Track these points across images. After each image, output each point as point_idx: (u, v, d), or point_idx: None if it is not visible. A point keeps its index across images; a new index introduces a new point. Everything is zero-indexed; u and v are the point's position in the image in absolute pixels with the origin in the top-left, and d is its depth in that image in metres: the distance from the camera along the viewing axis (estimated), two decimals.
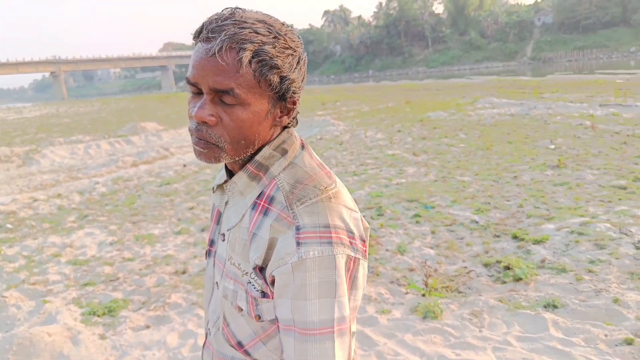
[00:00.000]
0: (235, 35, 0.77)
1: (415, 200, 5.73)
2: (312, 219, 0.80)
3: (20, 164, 11.45)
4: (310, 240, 0.78)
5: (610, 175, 6.15)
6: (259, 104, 0.82)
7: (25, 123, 25.43)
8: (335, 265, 0.78)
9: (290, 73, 0.82)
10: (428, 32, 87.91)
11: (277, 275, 0.79)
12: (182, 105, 30.07)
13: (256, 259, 0.83)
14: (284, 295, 0.79)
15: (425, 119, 13.12)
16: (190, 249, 4.76)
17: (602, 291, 3.29)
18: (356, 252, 0.82)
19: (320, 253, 0.77)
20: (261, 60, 0.79)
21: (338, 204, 0.83)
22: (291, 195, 0.83)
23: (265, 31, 0.79)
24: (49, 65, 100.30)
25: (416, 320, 3.14)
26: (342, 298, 0.79)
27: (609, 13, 71.54)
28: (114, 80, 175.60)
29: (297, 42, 0.84)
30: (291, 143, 0.90)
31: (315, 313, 0.77)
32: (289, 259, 0.78)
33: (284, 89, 0.83)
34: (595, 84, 21.45)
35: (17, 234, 5.69)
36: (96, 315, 3.49)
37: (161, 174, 8.64)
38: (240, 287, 0.87)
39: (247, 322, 0.88)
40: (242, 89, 0.79)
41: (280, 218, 0.82)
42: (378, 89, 33.88)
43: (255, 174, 0.88)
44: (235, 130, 0.82)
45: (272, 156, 0.87)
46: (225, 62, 0.78)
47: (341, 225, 0.81)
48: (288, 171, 0.87)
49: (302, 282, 0.77)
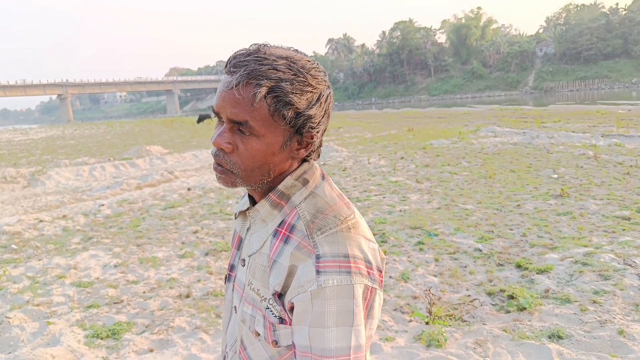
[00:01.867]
0: (253, 71, 0.82)
1: (418, 227, 5.75)
2: (332, 248, 0.82)
3: (25, 185, 11.53)
4: (330, 269, 0.80)
5: (614, 205, 6.17)
6: (273, 136, 0.85)
7: (31, 144, 25.67)
8: (353, 295, 0.80)
9: (307, 110, 0.86)
10: (430, 60, 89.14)
11: (296, 302, 0.82)
12: (186, 129, 30.35)
13: (276, 285, 0.86)
14: (302, 322, 0.81)
15: (428, 147, 13.22)
16: (194, 273, 4.77)
17: (607, 322, 3.28)
18: (373, 282, 0.85)
19: (339, 282, 0.80)
20: (276, 96, 0.82)
21: (357, 234, 0.86)
22: (312, 225, 0.86)
23: (286, 68, 0.83)
24: (56, 88, 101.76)
25: (420, 349, 3.13)
26: (359, 327, 0.81)
27: (610, 44, 72.62)
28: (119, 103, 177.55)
29: (319, 80, 0.87)
30: (312, 174, 0.93)
31: (333, 340, 0.79)
32: (309, 286, 0.80)
33: (300, 124, 0.86)
34: (597, 114, 21.64)
35: (22, 254, 5.71)
36: (100, 338, 3.49)
37: (166, 197, 8.69)
38: (259, 313, 0.90)
39: (263, 347, 0.90)
40: (257, 122, 0.83)
41: (301, 246, 0.84)
42: (381, 116, 34.19)
43: (278, 202, 0.91)
44: (249, 159, 0.86)
45: (294, 186, 0.91)
46: (241, 95, 0.82)
47: (360, 256, 0.84)
48: (309, 201, 0.90)
49: (320, 310, 0.79)
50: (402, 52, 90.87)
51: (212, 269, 4.82)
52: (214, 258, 5.17)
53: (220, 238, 5.88)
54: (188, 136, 24.12)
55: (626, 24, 72.94)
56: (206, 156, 15.24)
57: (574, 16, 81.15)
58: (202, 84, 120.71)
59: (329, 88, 0.91)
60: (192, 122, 38.91)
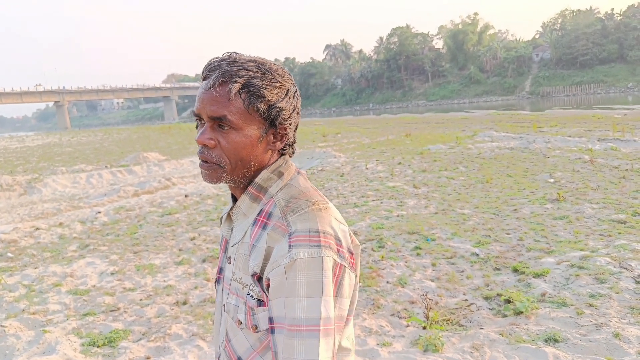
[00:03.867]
0: (227, 72, 0.92)
1: (415, 232, 5.76)
2: (303, 225, 0.88)
3: (22, 193, 11.51)
4: (301, 243, 0.86)
5: (610, 209, 6.19)
6: (250, 128, 0.94)
7: (27, 152, 25.64)
8: (322, 267, 0.85)
9: (277, 102, 0.95)
10: (428, 66, 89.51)
11: (272, 277, 0.87)
12: (184, 136, 30.37)
13: (254, 266, 0.91)
14: (278, 295, 0.86)
15: (425, 152, 13.25)
16: (191, 280, 4.76)
17: (602, 325, 3.29)
18: (342, 260, 0.89)
19: (309, 254, 0.85)
20: (249, 91, 0.92)
21: (328, 214, 0.92)
22: (286, 208, 0.93)
23: (255, 68, 0.93)
24: (53, 95, 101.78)
25: (417, 353, 3.13)
26: (328, 298, 0.85)
27: (606, 50, 73.07)
28: (117, 110, 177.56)
29: (285, 77, 0.97)
30: (287, 167, 1.01)
31: (303, 310, 0.83)
32: (282, 260, 0.86)
33: (273, 115, 0.95)
34: (593, 119, 21.73)
35: (18, 262, 5.70)
36: (96, 346, 3.47)
37: (163, 204, 8.68)
38: (241, 300, 0.95)
39: (245, 336, 0.95)
40: (234, 116, 0.92)
41: (276, 227, 0.91)
42: (378, 121, 34.27)
43: (256, 195, 0.98)
44: (232, 151, 0.94)
45: (270, 178, 0.99)
46: (218, 93, 0.92)
47: (330, 232, 0.89)
48: (284, 190, 0.97)
49: (292, 281, 0.84)
50: (399, 58, 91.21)
51: (209, 276, 4.82)
52: (211, 265, 5.16)
53: (217, 245, 5.88)
54: (185, 143, 24.13)
55: (621, 29, 73.41)
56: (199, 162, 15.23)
57: (569, 21, 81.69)
58: None
59: (295, 86, 1.01)
60: (189, 128, 38.93)
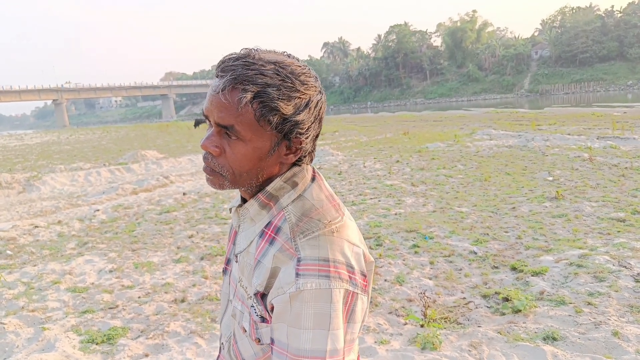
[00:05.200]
0: (240, 76, 0.82)
1: (413, 230, 5.76)
2: (312, 252, 0.83)
3: (20, 191, 11.48)
4: (309, 273, 0.81)
5: (609, 207, 6.20)
6: (260, 141, 0.85)
7: (26, 150, 25.59)
8: (331, 299, 0.81)
9: (294, 116, 0.85)
10: (426, 64, 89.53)
11: (276, 303, 0.83)
12: (182, 134, 30.34)
13: (258, 285, 0.87)
14: (281, 320, 0.83)
15: (424, 150, 13.25)
16: (190, 277, 4.76)
17: (601, 324, 3.29)
18: (355, 287, 0.85)
19: (317, 286, 0.80)
20: (262, 102, 0.82)
21: (340, 238, 0.86)
22: (296, 228, 0.86)
23: (273, 73, 0.82)
24: (51, 93, 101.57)
25: (415, 351, 3.13)
26: (336, 331, 0.81)
27: (606, 47, 73.16)
28: (115, 108, 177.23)
29: (309, 85, 0.87)
30: (302, 177, 0.93)
31: (309, 342, 0.80)
32: (288, 288, 0.81)
33: (287, 129, 0.86)
34: (592, 117, 21.76)
35: (17, 260, 5.69)
36: (95, 343, 3.47)
37: (161, 202, 8.67)
38: (246, 309, 0.92)
39: (249, 343, 0.93)
40: (242, 126, 0.83)
41: (283, 249, 0.85)
42: (376, 119, 34.27)
43: (266, 203, 0.92)
44: (236, 163, 0.87)
45: (283, 188, 0.91)
46: (227, 100, 0.83)
47: (341, 260, 0.84)
48: (296, 203, 0.90)
49: (298, 312, 0.80)
50: (397, 56, 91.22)
51: (207, 274, 4.81)
52: (209, 262, 5.16)
53: (215, 242, 5.87)
54: (184, 141, 24.10)
55: (621, 27, 73.51)
56: (202, 161, 15.20)
57: (569, 19, 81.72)
58: (198, 88, 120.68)
59: (321, 93, 0.90)
60: (187, 126, 38.87)
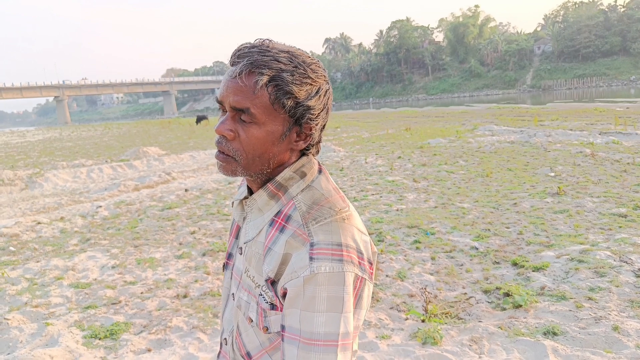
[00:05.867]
0: (256, 61, 0.85)
1: (415, 226, 5.77)
2: (326, 237, 0.85)
3: (23, 187, 11.52)
4: (323, 257, 0.83)
5: (611, 203, 6.20)
6: (273, 124, 0.88)
7: (28, 147, 25.64)
8: (344, 282, 0.83)
9: (306, 100, 0.89)
10: (428, 59, 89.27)
11: (289, 287, 0.84)
12: (183, 130, 30.35)
13: (269, 271, 0.88)
14: (293, 305, 0.84)
15: (425, 146, 13.24)
16: (192, 273, 4.78)
17: (602, 319, 3.30)
18: (364, 272, 0.87)
19: (331, 269, 0.82)
20: (277, 85, 0.86)
21: (351, 225, 0.89)
22: (307, 215, 0.88)
23: (287, 60, 0.86)
24: (53, 90, 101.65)
25: (416, 346, 3.15)
26: (348, 314, 0.83)
27: (608, 42, 72.81)
28: (117, 105, 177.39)
29: (319, 74, 0.90)
30: (310, 167, 0.96)
31: (322, 325, 0.81)
32: (302, 272, 0.83)
33: (299, 114, 0.89)
34: (595, 112, 21.70)
35: (20, 256, 5.72)
36: (98, 338, 3.50)
37: (163, 199, 8.70)
38: (253, 299, 0.93)
39: (255, 333, 0.93)
40: (258, 109, 0.86)
41: (296, 235, 0.87)
42: (378, 115, 34.23)
43: (275, 193, 0.94)
44: (250, 146, 0.89)
45: (292, 178, 0.94)
46: (244, 83, 0.86)
47: (352, 245, 0.86)
48: (306, 193, 0.93)
49: (312, 295, 0.82)
50: (399, 51, 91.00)
51: (209, 269, 4.84)
52: (211, 258, 5.18)
53: (217, 239, 5.89)
54: (185, 137, 24.13)
55: (624, 21, 73.13)
56: (203, 157, 15.25)
57: (572, 14, 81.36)
58: (199, 84, 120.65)
59: (328, 84, 0.94)
60: (189, 123, 38.89)
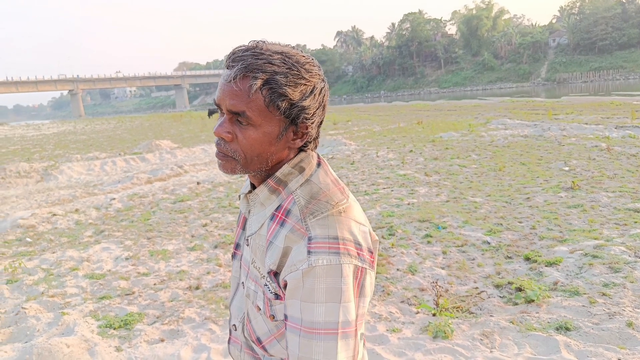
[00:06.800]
0: (250, 65, 0.88)
1: (426, 220, 5.75)
2: (322, 231, 0.88)
3: (39, 180, 11.70)
4: (320, 250, 0.86)
5: (626, 198, 6.12)
6: (269, 126, 0.91)
7: (43, 139, 25.98)
8: (341, 274, 0.86)
9: (301, 101, 0.91)
10: (440, 52, 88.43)
11: (289, 279, 0.88)
12: (195, 124, 30.50)
13: (271, 264, 0.92)
14: (294, 296, 0.87)
15: (437, 140, 13.16)
16: (204, 265, 4.83)
17: (615, 315, 3.27)
18: (363, 263, 0.90)
19: (328, 262, 0.85)
20: (271, 88, 0.88)
21: (348, 218, 0.92)
22: (305, 210, 0.92)
23: (280, 62, 0.89)
24: (67, 84, 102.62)
25: (427, 340, 3.15)
26: (347, 304, 0.86)
27: (626, 34, 71.39)
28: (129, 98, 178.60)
29: (313, 73, 0.93)
30: (308, 162, 0.99)
31: (322, 315, 0.85)
32: (300, 265, 0.86)
33: (294, 114, 0.92)
34: (611, 106, 21.36)
35: (36, 247, 5.82)
36: (112, 328, 3.55)
37: (175, 191, 8.77)
38: (259, 288, 0.97)
39: (264, 320, 0.98)
40: (253, 112, 0.89)
41: (294, 229, 0.90)
42: (390, 109, 34.05)
43: (275, 188, 0.97)
44: (248, 147, 0.92)
45: (291, 173, 0.97)
46: (239, 87, 0.89)
47: (349, 238, 0.89)
48: (304, 187, 0.96)
49: (311, 287, 0.85)
50: (411, 44, 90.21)
51: (221, 262, 4.88)
52: (223, 251, 5.22)
53: (229, 231, 5.94)
54: (197, 130, 24.25)
55: None
56: (215, 150, 15.32)
57: (588, 5, 79.76)
58: (211, 78, 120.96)
59: (324, 82, 0.96)
60: (201, 116, 39.06)
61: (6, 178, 11.46)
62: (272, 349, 0.99)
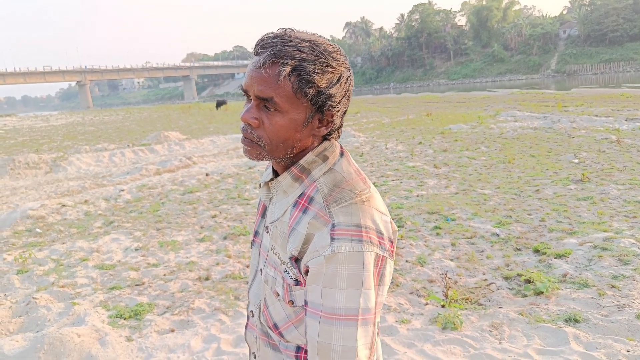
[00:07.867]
0: (279, 52, 0.89)
1: (435, 212, 5.73)
2: (346, 219, 0.89)
3: (47, 171, 11.80)
4: (343, 237, 0.87)
5: (636, 190, 6.06)
6: (296, 112, 0.92)
7: (52, 131, 26.16)
8: (363, 261, 0.86)
9: (328, 89, 0.92)
10: (450, 44, 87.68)
11: (311, 265, 0.89)
12: (203, 115, 30.56)
13: (293, 250, 0.93)
14: (315, 282, 0.88)
15: (447, 132, 13.09)
16: (213, 256, 4.85)
17: (625, 307, 3.26)
18: (384, 251, 0.91)
19: (351, 249, 0.86)
20: (299, 75, 0.89)
21: (370, 207, 0.92)
22: (329, 197, 0.92)
23: (309, 50, 0.90)
24: (75, 75, 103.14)
25: (436, 331, 3.16)
26: (368, 291, 0.87)
27: (637, 25, 70.32)
28: (137, 89, 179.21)
29: (340, 62, 0.93)
30: (332, 151, 1.00)
31: (343, 301, 0.85)
32: (323, 251, 0.87)
33: (321, 102, 0.92)
34: (621, 98, 21.10)
35: (46, 238, 5.88)
36: (123, 318, 3.59)
37: (184, 183, 8.81)
38: (279, 275, 0.98)
39: (282, 306, 0.98)
40: (281, 98, 0.90)
41: (318, 216, 0.91)
42: (399, 100, 33.89)
43: (299, 176, 0.98)
44: (274, 133, 0.93)
45: (314, 161, 0.98)
46: (267, 74, 0.89)
47: (372, 226, 0.89)
48: (328, 175, 0.96)
49: (333, 273, 0.86)
50: (420, 36, 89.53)
51: (230, 253, 4.90)
52: (232, 242, 5.25)
53: (238, 222, 5.96)
54: (205, 122, 24.30)
55: None
56: (224, 142, 15.36)
57: None
58: (219, 69, 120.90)
59: (350, 71, 0.97)
60: (209, 108, 39.12)
61: (15, 169, 11.57)
62: (289, 335, 0.99)
